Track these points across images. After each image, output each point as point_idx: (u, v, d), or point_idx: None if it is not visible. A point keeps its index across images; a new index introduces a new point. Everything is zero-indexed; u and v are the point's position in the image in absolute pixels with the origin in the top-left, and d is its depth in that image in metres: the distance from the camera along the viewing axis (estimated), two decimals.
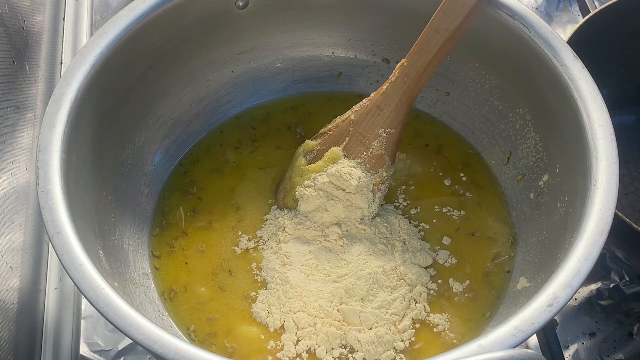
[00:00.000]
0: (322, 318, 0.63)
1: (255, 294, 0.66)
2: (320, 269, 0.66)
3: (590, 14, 0.74)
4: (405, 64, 0.66)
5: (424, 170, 0.75)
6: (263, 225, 0.70)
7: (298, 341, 0.62)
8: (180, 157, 0.76)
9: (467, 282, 0.67)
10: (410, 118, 0.70)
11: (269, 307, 0.64)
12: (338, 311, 0.63)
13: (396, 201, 0.72)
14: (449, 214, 0.71)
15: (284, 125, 0.79)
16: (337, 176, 0.67)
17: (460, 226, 0.71)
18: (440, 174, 0.74)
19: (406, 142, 0.75)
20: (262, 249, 0.69)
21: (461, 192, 0.73)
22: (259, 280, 0.67)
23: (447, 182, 0.74)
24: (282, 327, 0.63)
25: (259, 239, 0.70)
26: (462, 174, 0.74)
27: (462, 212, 0.71)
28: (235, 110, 0.79)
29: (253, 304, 0.65)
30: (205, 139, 0.78)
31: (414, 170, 0.75)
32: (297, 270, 0.66)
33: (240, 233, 0.70)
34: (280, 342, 0.63)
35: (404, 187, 0.74)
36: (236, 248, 0.69)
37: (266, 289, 0.66)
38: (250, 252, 0.69)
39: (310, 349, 0.62)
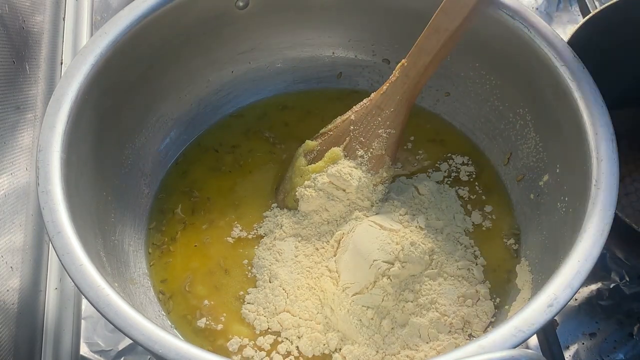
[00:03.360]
0: (306, 320, 0.62)
1: (244, 292, 0.65)
2: (312, 269, 0.66)
3: (590, 14, 0.73)
4: (405, 64, 0.66)
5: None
6: (261, 222, 0.70)
7: (279, 343, 0.62)
8: (179, 157, 0.76)
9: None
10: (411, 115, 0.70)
11: (257, 307, 0.64)
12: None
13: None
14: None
15: (282, 123, 0.79)
16: (337, 176, 0.67)
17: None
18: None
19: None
20: (257, 244, 0.68)
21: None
22: (249, 276, 0.67)
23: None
24: (268, 330, 0.63)
25: (255, 232, 0.70)
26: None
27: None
28: (235, 110, 0.79)
29: (243, 305, 0.65)
30: (204, 139, 0.77)
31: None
32: (288, 268, 0.65)
33: (238, 230, 0.70)
34: (262, 345, 0.62)
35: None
36: (230, 239, 0.69)
37: (255, 287, 0.66)
38: (245, 248, 0.69)
39: (290, 352, 0.61)
